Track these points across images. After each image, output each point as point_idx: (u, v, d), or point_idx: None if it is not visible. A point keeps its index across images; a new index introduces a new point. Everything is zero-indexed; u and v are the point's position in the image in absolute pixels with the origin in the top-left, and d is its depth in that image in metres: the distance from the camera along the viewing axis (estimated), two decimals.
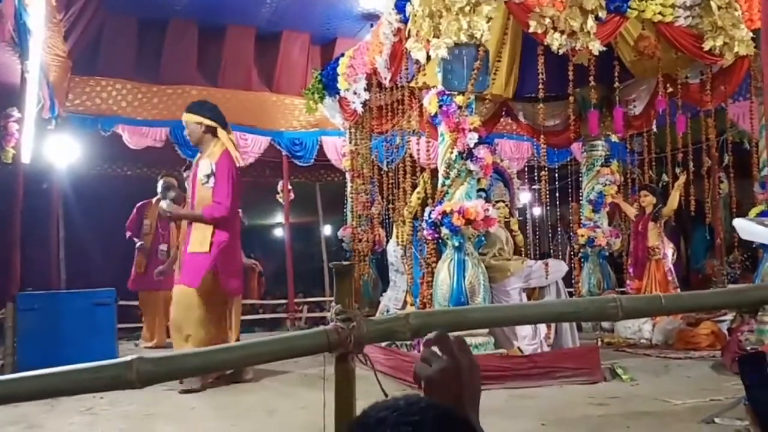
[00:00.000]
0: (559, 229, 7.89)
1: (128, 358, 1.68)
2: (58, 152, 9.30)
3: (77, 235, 10.40)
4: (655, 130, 8.08)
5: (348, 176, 8.16)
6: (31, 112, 6.72)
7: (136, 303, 8.78)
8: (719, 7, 5.91)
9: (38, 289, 6.94)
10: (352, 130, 8.09)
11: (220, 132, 5.59)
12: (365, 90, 7.04)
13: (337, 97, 7.79)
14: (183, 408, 4.73)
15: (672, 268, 7.64)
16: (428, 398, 0.98)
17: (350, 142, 8.14)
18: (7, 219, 6.23)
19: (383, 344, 6.02)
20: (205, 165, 5.54)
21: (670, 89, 6.95)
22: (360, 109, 7.30)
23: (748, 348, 5.46)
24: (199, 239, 5.42)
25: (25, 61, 6.30)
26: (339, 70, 7.46)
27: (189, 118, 5.61)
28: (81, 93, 9.57)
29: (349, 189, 8.11)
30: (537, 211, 8.44)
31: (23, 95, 6.50)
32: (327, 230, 13.00)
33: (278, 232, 15.48)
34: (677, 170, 7.37)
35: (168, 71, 10.40)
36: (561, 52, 5.70)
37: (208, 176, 5.48)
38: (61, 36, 7.93)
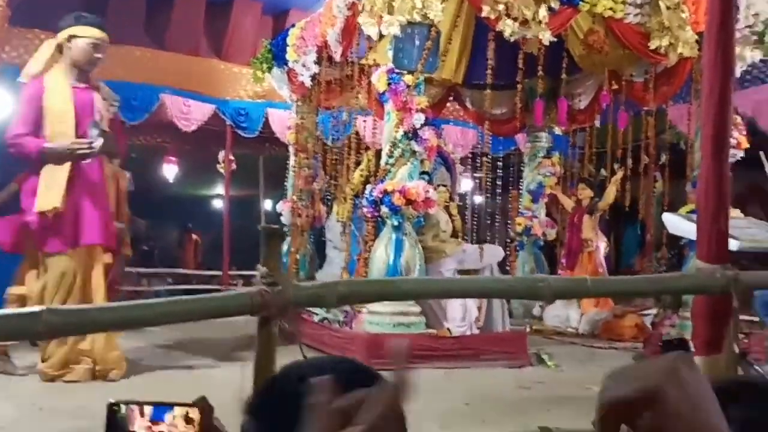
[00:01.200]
0: (497, 217, 7.97)
1: (37, 308, 1.61)
2: None
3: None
4: (597, 125, 8.22)
5: (291, 150, 8.05)
6: None
7: None
8: (667, 8, 6.03)
9: None
10: (299, 104, 7.97)
11: (55, 50, 4.81)
12: (315, 63, 6.93)
13: (286, 68, 7.66)
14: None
15: (603, 261, 7.83)
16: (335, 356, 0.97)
17: (296, 116, 8.02)
18: None
19: (315, 319, 6.00)
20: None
21: (615, 86, 7.08)
22: (308, 83, 7.19)
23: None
24: None
25: None
26: (289, 40, 7.33)
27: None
28: (19, 45, 9.18)
29: (291, 162, 8.00)
30: (478, 199, 8.52)
31: None
32: (268, 204, 12.85)
33: (218, 204, 15.25)
34: (615, 166, 7.53)
35: (114, 30, 10.04)
36: (513, 39, 5.73)
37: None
38: None
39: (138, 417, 0.98)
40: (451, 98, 8.77)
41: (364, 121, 7.51)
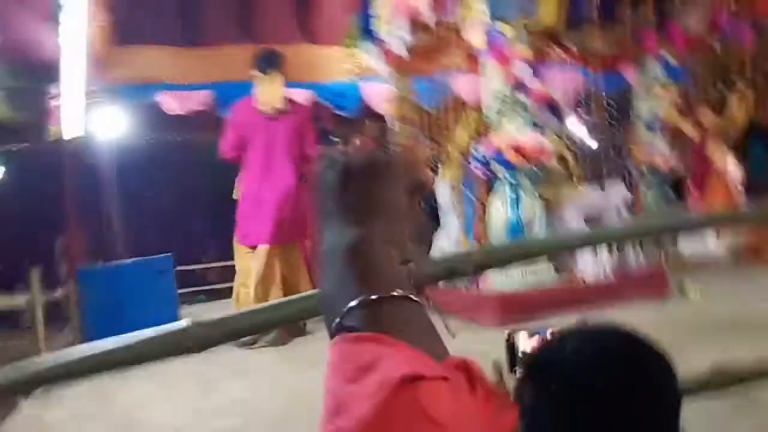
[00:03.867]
0: (614, 155, 7.61)
1: (182, 323, 1.60)
2: (105, 124, 9.36)
3: (131, 204, 10.55)
4: (717, 48, 7.65)
5: (393, 121, 7.96)
6: (75, 87, 6.72)
7: (193, 267, 8.85)
8: None
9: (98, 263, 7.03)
10: (394, 74, 7.87)
11: (258, 78, 5.76)
12: (406, 31, 6.79)
13: (377, 41, 7.56)
14: (251, 363, 4.75)
15: (738, 186, 7.33)
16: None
17: (392, 86, 7.92)
18: (60, 196, 6.29)
19: (441, 284, 5.91)
20: None
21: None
22: (401, 52, 7.07)
23: None
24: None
25: (66, 36, 6.26)
26: (377, 12, 7.22)
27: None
28: (123, 62, 9.55)
29: (395, 134, 7.92)
30: (591, 140, 8.14)
31: (66, 70, 6.49)
32: None
33: None
34: (741, 87, 6.98)
35: (206, 32, 10.30)
36: None
37: None
38: (100, 7, 7.88)
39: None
40: (552, 43, 8.39)
41: (463, 80, 7.31)
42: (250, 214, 5.62)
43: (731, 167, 7.35)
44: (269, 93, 5.67)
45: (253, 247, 5.66)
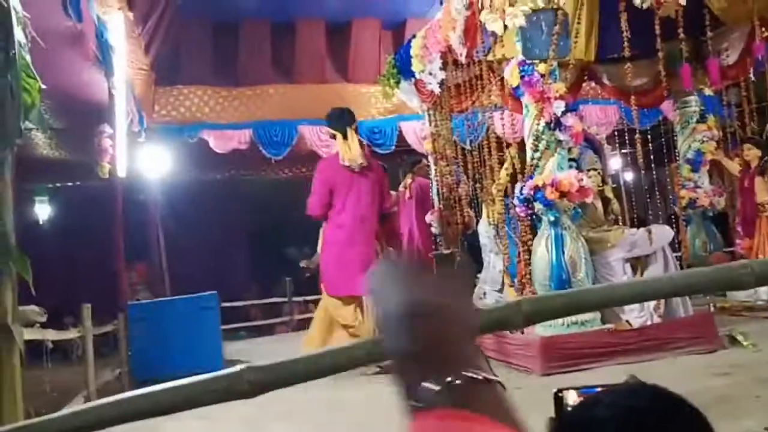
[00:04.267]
0: (657, 193, 7.50)
1: (238, 368, 1.65)
2: (150, 163, 9.62)
3: (176, 241, 10.76)
4: (752, 78, 7.56)
5: (431, 159, 8.04)
6: (121, 127, 6.94)
7: (236, 304, 8.97)
8: None
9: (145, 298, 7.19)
10: (431, 112, 7.96)
11: (338, 137, 6.15)
12: (441, 69, 6.88)
13: (413, 79, 7.67)
14: (293, 405, 4.78)
15: None
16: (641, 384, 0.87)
17: (430, 125, 8.01)
18: (110, 233, 6.47)
19: None
20: None
21: (767, 33, 6.48)
22: (437, 90, 7.17)
23: None
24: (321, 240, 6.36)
25: (111, 78, 6.51)
26: (412, 52, 7.34)
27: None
28: (166, 103, 9.86)
29: (433, 172, 7.99)
30: (630, 176, 8.07)
31: (113, 111, 6.72)
32: None
33: None
34: None
35: (245, 73, 10.57)
36: (645, 6, 5.39)
37: None
38: (142, 49, 8.16)
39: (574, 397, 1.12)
40: (586, 77, 8.42)
41: (501, 117, 7.36)
42: (341, 266, 5.92)
43: None
44: (352, 149, 6.06)
45: (343, 297, 5.95)
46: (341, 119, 6.26)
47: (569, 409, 0.87)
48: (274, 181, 12.37)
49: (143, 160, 9.45)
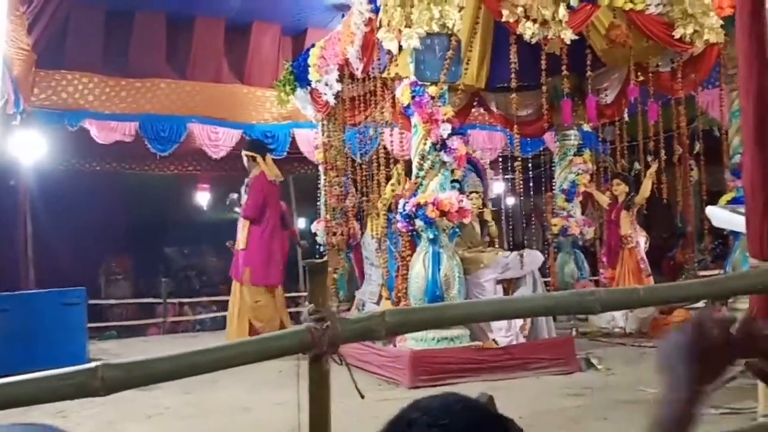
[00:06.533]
0: (533, 219, 7.86)
1: (93, 364, 1.61)
2: (24, 148, 9.09)
3: (45, 232, 10.19)
4: (626, 118, 8.09)
5: (321, 169, 8.07)
6: None
7: (105, 302, 8.62)
8: None
9: (8, 290, 6.78)
10: (325, 122, 8.00)
11: (259, 159, 7.49)
12: (337, 81, 6.95)
13: (309, 88, 7.70)
14: (154, 407, 4.65)
15: (645, 257, 7.69)
16: (463, 397, 0.95)
17: (323, 135, 8.05)
18: None
19: None
20: (248, 181, 7.54)
21: (641, 77, 6.96)
22: (332, 101, 7.22)
23: None
24: (241, 239, 7.35)
25: None
26: (310, 61, 7.37)
27: (243, 154, 7.72)
28: (47, 87, 9.34)
29: (322, 181, 8.02)
30: (510, 201, 8.41)
31: None
32: (301, 223, 12.90)
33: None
34: (649, 158, 7.39)
35: (136, 64, 10.22)
36: (534, 41, 5.67)
37: (246, 189, 7.46)
38: (24, 29, 7.74)
39: None
40: (475, 103, 8.73)
41: (391, 134, 7.50)
42: (269, 260, 7.29)
43: (640, 239, 7.71)
44: (272, 168, 7.56)
45: (267, 286, 7.31)
46: (260, 146, 7.96)
47: (386, 424, 0.92)
48: (158, 177, 11.98)
49: (17, 144, 8.92)
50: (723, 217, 5.00)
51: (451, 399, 0.91)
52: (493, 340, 5.44)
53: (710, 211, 5.11)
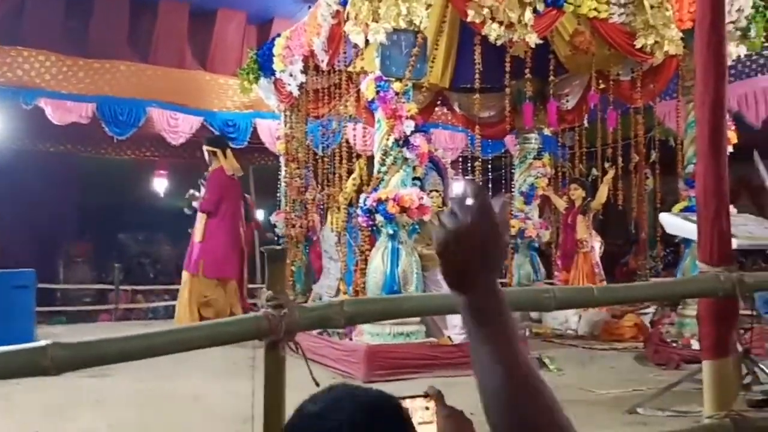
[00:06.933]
0: None
1: (43, 342, 1.58)
2: None
3: None
4: (586, 125, 8.21)
5: (282, 160, 8.02)
6: None
7: (56, 286, 8.43)
8: (652, 6, 6.05)
9: None
10: (287, 113, 7.95)
11: (219, 154, 7.65)
12: (301, 72, 6.91)
13: (273, 78, 7.64)
14: (104, 394, 4.57)
15: (599, 261, 7.83)
16: (354, 392, 1.03)
17: (285, 126, 7.99)
18: None
19: (315, 332, 5.96)
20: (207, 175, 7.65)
21: (602, 85, 7.08)
22: (296, 92, 7.19)
23: (669, 340, 5.65)
24: (198, 231, 7.45)
25: None
26: (275, 50, 7.31)
27: (204, 149, 7.82)
28: (2, 63, 9.08)
29: (283, 173, 7.97)
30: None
31: None
32: (260, 215, 12.79)
33: None
34: (606, 165, 7.53)
35: (96, 44, 10.02)
36: (499, 43, 5.73)
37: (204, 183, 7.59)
38: None
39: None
40: (439, 102, 8.77)
41: (354, 129, 7.49)
42: (225, 253, 7.40)
43: (595, 244, 7.86)
44: (231, 163, 7.68)
45: (220, 278, 7.40)
46: (220, 141, 8.08)
47: (289, 419, 1.00)
48: (114, 161, 11.75)
49: None
50: (675, 224, 5.12)
51: (340, 393, 1.00)
52: (448, 337, 5.48)
53: (663, 218, 5.23)
